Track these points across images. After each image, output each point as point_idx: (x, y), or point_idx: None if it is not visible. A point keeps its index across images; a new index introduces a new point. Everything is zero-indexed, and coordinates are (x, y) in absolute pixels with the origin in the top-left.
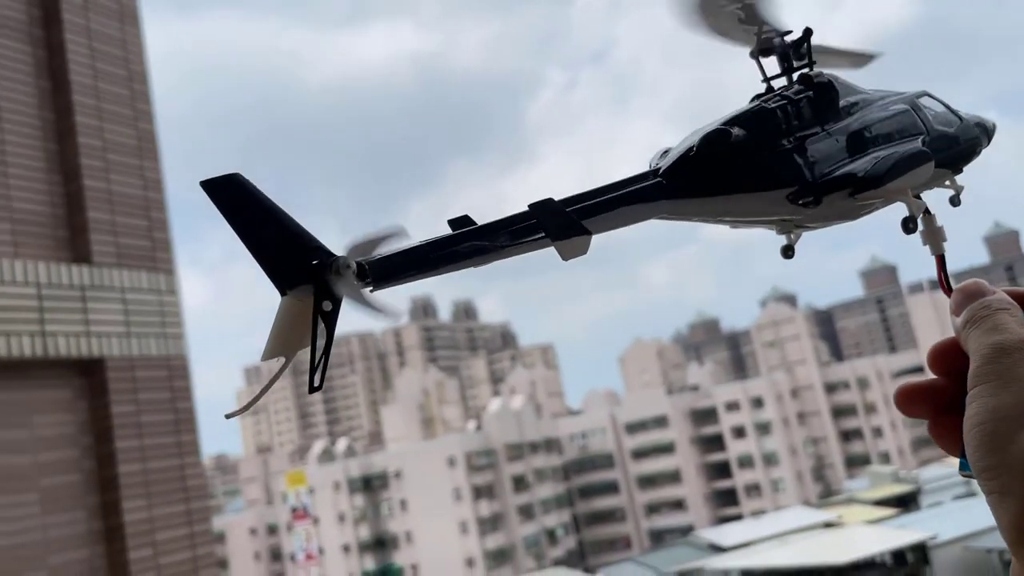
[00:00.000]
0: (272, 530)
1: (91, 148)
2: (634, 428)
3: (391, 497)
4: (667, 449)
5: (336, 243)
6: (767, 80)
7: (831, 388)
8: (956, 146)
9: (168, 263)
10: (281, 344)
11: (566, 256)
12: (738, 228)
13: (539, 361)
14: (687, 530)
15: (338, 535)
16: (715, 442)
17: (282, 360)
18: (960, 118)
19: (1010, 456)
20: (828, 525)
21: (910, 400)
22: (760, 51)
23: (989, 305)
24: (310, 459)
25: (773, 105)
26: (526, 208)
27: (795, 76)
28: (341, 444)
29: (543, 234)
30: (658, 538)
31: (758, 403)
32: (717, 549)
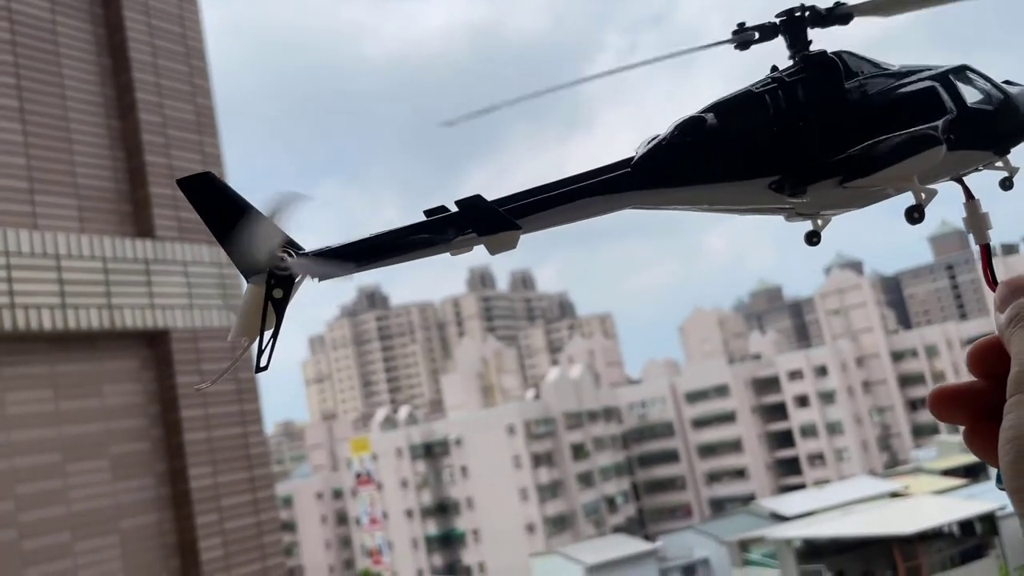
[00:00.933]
0: (337, 495)
1: (152, 124)
2: (694, 397)
3: (452, 464)
4: (728, 418)
5: (398, 210)
6: (791, 56)
7: (898, 356)
8: (996, 125)
9: None
10: (245, 326)
11: (493, 251)
12: (745, 216)
13: (597, 330)
14: (748, 499)
15: (401, 500)
16: (778, 411)
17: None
18: (1005, 94)
19: None
20: (894, 495)
21: (946, 404)
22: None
23: None
24: (373, 426)
25: (760, 89)
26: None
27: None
28: (403, 412)
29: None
30: (719, 507)
31: (822, 372)
32: (779, 518)
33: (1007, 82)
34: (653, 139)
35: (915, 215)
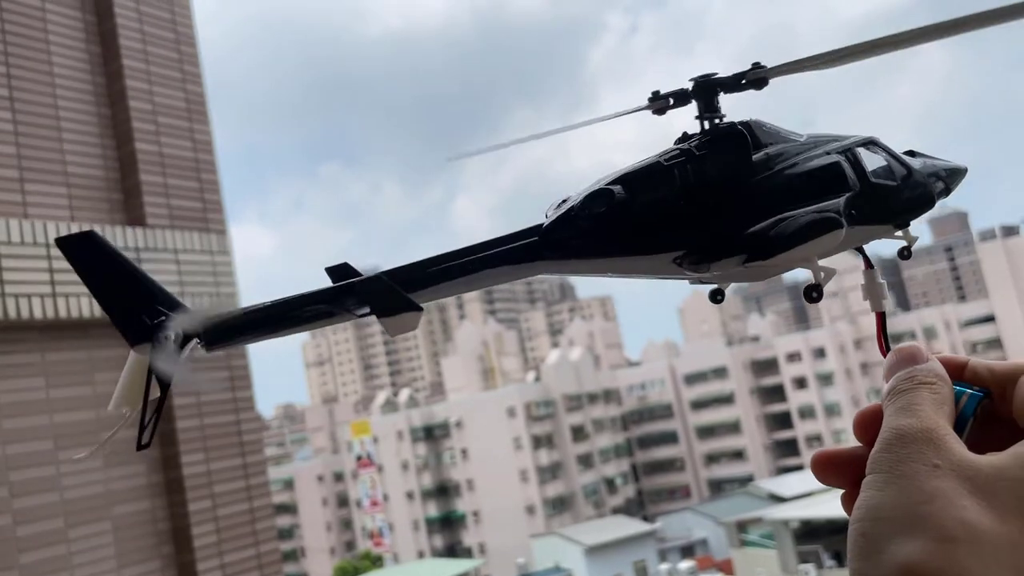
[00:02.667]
0: (338, 477)
1: (142, 112)
2: (693, 379)
3: (452, 446)
4: (727, 400)
5: (398, 198)
6: (701, 118)
7: (897, 338)
8: (897, 200)
9: (220, 223)
10: (126, 396)
11: (393, 333)
12: (643, 279)
13: (597, 313)
14: (746, 480)
15: (402, 482)
16: (776, 393)
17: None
18: (908, 169)
19: (878, 566)
20: None
21: (826, 468)
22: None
23: (913, 377)
24: (374, 409)
25: (668, 163)
26: (368, 277)
27: (707, 125)
28: (403, 395)
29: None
30: (717, 488)
31: (820, 354)
32: (777, 499)
33: (909, 153)
34: (563, 202)
35: (814, 294)
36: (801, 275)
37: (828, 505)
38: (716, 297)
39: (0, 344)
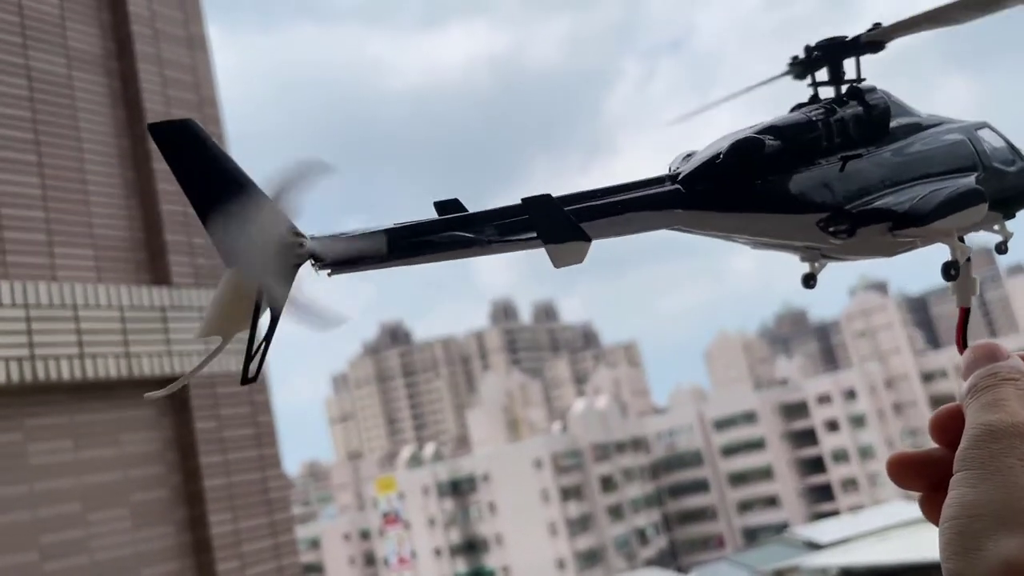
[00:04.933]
0: (365, 535)
1: (165, 173)
2: (722, 424)
3: (480, 500)
4: (757, 445)
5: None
6: (815, 85)
7: (928, 377)
8: (1012, 187)
9: None
10: (222, 322)
11: (558, 263)
12: (758, 249)
13: (622, 359)
14: (782, 528)
15: (429, 539)
16: (807, 437)
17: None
18: (1022, 157)
19: (977, 564)
20: None
21: (903, 471)
22: (811, 54)
23: (996, 373)
24: (399, 464)
25: (816, 117)
26: (519, 202)
27: (844, 88)
28: (429, 449)
29: (535, 234)
30: (752, 536)
31: (851, 395)
32: (814, 546)
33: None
34: (689, 155)
35: (952, 272)
36: (829, 311)
37: (867, 551)
38: (808, 282)
39: (30, 407)
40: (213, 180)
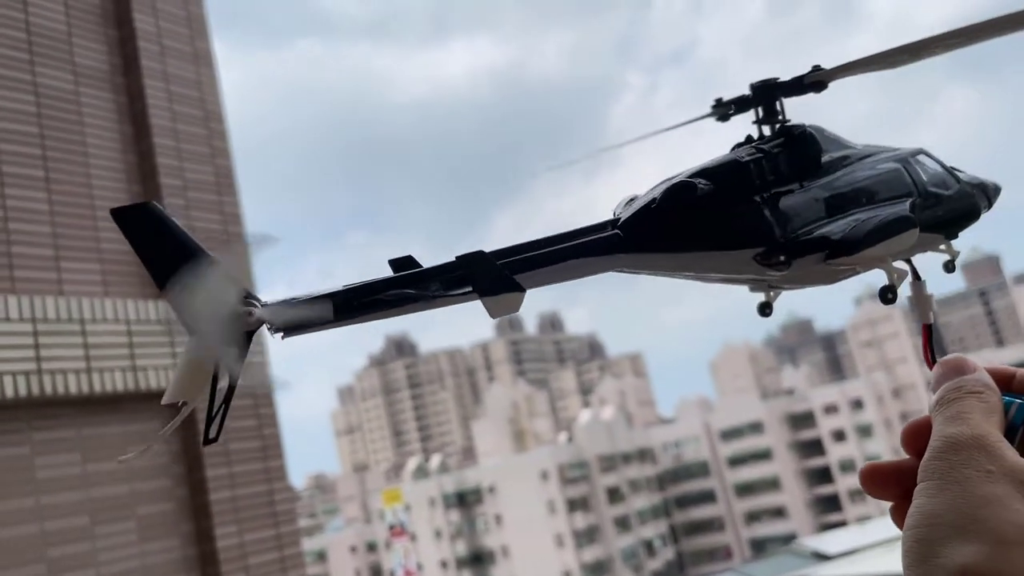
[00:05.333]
0: (371, 547)
1: (172, 188)
2: (729, 435)
3: (486, 512)
4: (764, 456)
5: (424, 256)
6: (758, 123)
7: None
8: (950, 210)
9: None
10: (185, 387)
11: (494, 314)
12: (706, 283)
13: (628, 370)
14: (789, 538)
15: (436, 551)
16: (814, 447)
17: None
18: (957, 179)
19: (935, 571)
20: None
21: (875, 482)
22: (753, 96)
23: (961, 387)
24: (405, 476)
25: (746, 158)
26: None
27: (776, 127)
28: (435, 460)
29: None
30: (759, 547)
31: (858, 405)
32: (822, 557)
33: (955, 169)
34: (632, 200)
35: (889, 296)
36: (835, 321)
37: (877, 561)
38: (764, 311)
39: (38, 420)
40: (170, 256)
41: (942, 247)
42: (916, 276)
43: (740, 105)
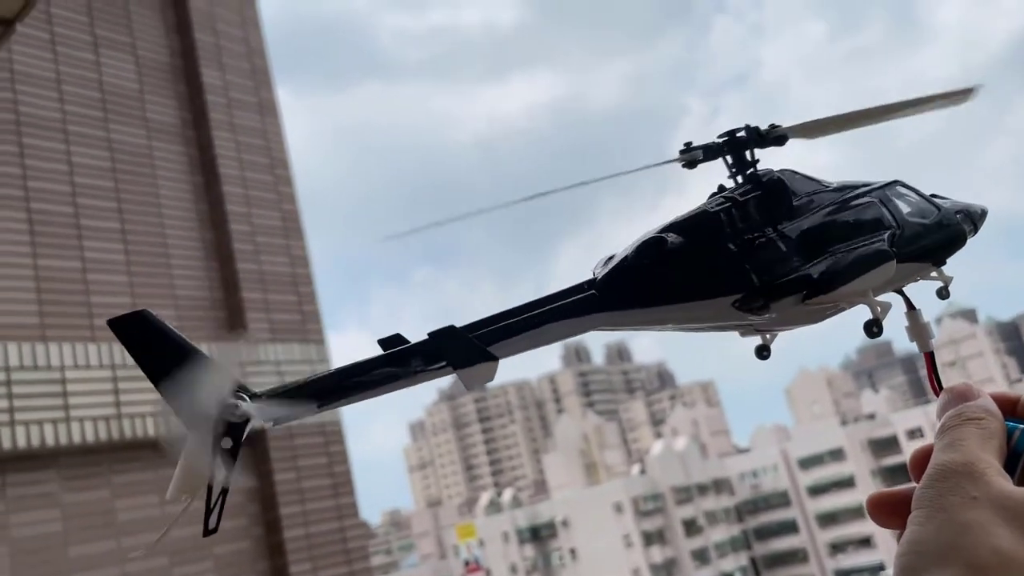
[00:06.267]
0: None
1: (242, 233)
2: (808, 463)
3: (561, 546)
4: (847, 483)
5: (491, 297)
6: (732, 173)
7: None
8: (933, 237)
9: (318, 333)
10: (187, 482)
11: (470, 386)
12: (694, 332)
13: (700, 399)
14: (877, 569)
15: None
16: (900, 473)
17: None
18: (938, 207)
19: None
20: None
21: (881, 510)
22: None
23: (961, 414)
24: (478, 511)
25: (715, 208)
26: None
27: (745, 175)
28: (507, 495)
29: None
30: None
31: None
32: None
33: (934, 195)
34: (610, 259)
35: (874, 329)
36: (915, 346)
37: None
38: (762, 353)
39: (118, 463)
40: (165, 358)
41: (933, 274)
42: (910, 306)
43: (709, 152)
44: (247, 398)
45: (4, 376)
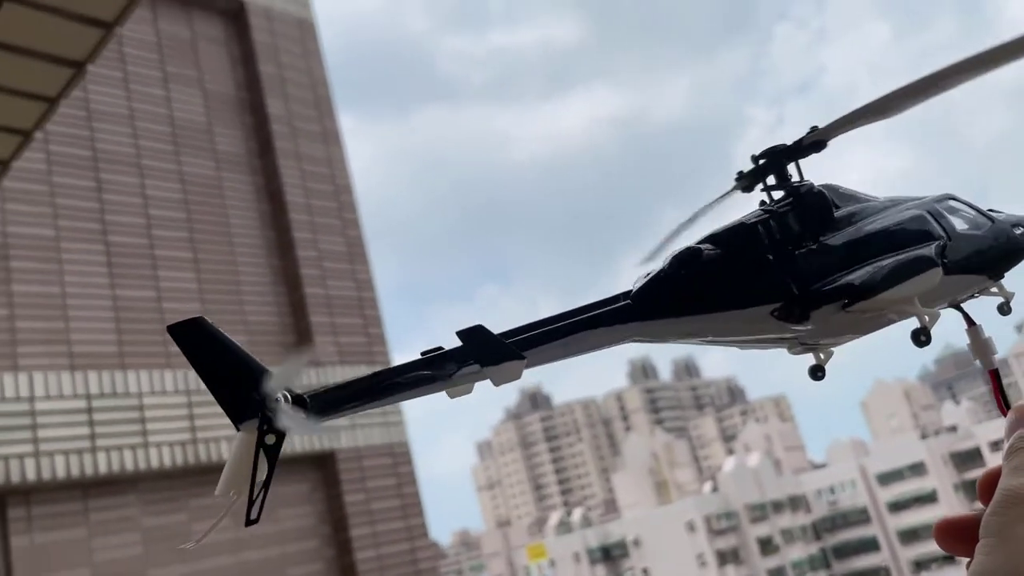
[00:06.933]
0: None
1: (308, 259)
2: (888, 478)
3: (633, 566)
4: (929, 499)
5: (555, 308)
6: (766, 188)
7: None
8: (987, 250)
9: (384, 355)
10: (234, 478)
11: (497, 382)
12: (747, 349)
13: (772, 414)
14: None
15: None
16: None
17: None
18: (991, 219)
19: None
20: None
21: (948, 536)
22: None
23: None
24: (548, 531)
25: (752, 220)
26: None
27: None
28: (576, 514)
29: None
30: None
31: None
32: None
33: (991, 210)
34: (648, 274)
35: (922, 338)
36: (997, 348)
37: None
38: (816, 374)
39: (194, 488)
40: (217, 361)
41: (993, 289)
42: (970, 322)
43: (755, 175)
44: (291, 399)
45: (85, 403)
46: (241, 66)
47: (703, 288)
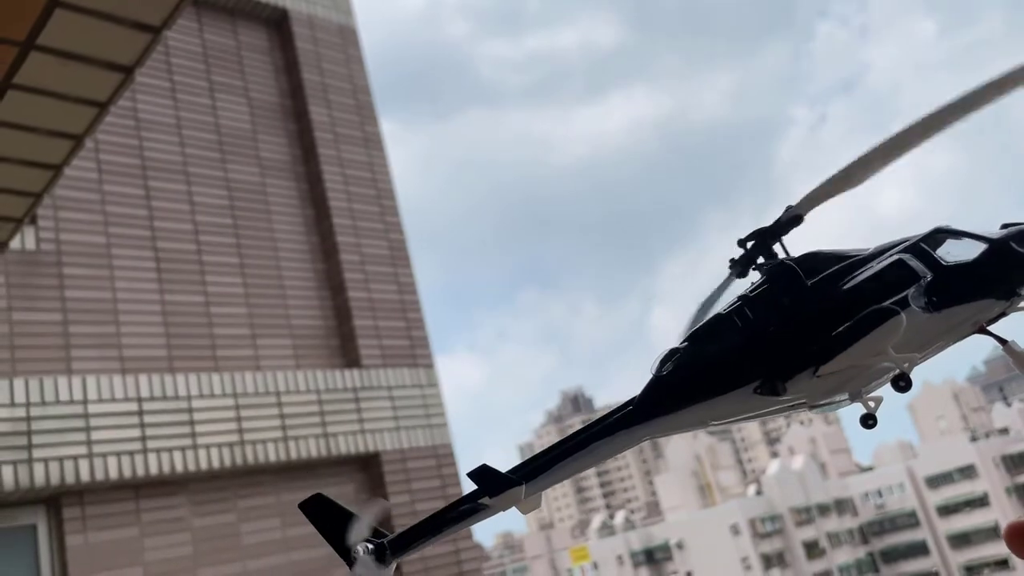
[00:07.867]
0: None
1: (352, 263)
2: (937, 481)
3: (676, 569)
4: (980, 502)
5: (595, 316)
6: (759, 269)
7: None
8: (984, 273)
9: (427, 358)
10: None
11: (504, 508)
12: (763, 420)
13: (817, 417)
14: None
15: None
16: None
17: None
18: (988, 241)
19: None
20: None
21: (1019, 539)
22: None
23: None
24: (590, 533)
25: (727, 311)
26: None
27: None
28: (619, 517)
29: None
30: None
31: None
32: None
33: (1005, 225)
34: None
35: (900, 383)
36: None
37: None
38: (868, 422)
39: (243, 488)
40: (333, 522)
41: (1021, 305)
42: (1001, 341)
43: (745, 262)
44: (373, 544)
45: (137, 407)
46: (284, 74)
47: (687, 382)
